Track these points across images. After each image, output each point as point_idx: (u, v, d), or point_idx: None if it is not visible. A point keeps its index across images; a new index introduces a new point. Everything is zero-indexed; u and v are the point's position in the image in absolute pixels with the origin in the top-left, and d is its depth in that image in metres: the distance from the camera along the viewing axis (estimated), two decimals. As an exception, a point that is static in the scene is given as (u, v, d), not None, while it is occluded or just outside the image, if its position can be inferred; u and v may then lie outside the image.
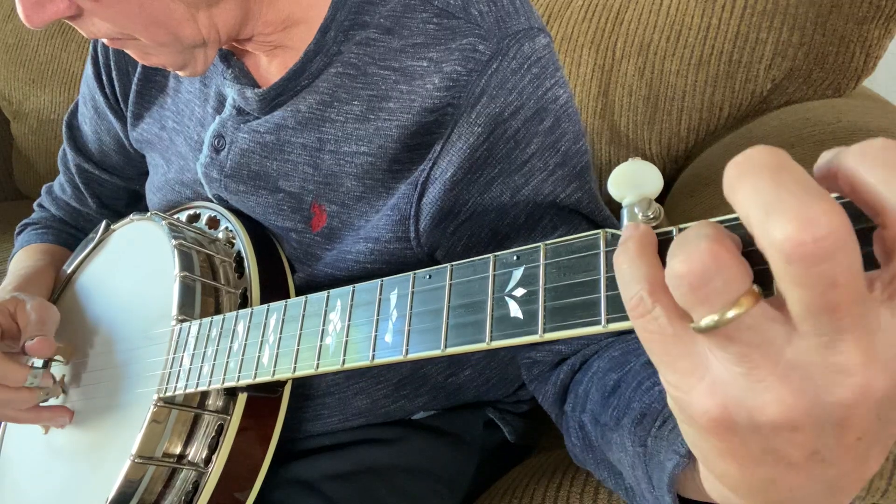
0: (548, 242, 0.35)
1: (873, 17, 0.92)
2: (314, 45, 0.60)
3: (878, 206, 0.22)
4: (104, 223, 0.78)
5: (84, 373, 0.71)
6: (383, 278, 0.44)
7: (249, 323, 0.54)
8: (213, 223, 0.70)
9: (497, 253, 0.37)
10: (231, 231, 0.68)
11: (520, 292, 0.35)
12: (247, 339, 0.54)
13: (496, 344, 0.35)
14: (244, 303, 0.63)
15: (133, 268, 0.72)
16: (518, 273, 0.35)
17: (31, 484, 0.71)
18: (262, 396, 0.60)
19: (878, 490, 0.56)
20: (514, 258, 0.36)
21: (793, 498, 0.26)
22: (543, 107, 0.57)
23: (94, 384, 0.69)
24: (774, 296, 0.23)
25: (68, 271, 0.79)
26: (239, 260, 0.66)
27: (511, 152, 0.57)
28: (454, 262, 0.39)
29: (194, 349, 0.58)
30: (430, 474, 0.75)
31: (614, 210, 0.50)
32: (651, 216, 0.30)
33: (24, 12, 0.51)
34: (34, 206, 0.97)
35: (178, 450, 0.59)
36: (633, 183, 0.31)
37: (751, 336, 0.23)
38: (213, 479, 0.58)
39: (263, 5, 0.59)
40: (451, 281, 0.39)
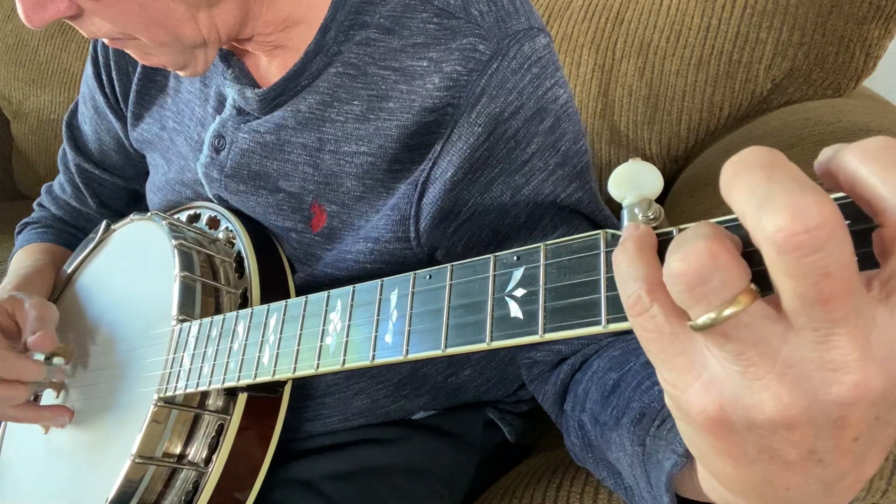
0: (548, 243, 0.35)
1: (873, 17, 0.92)
2: (314, 45, 0.60)
3: (877, 205, 0.22)
4: (104, 223, 0.78)
5: (84, 372, 0.71)
6: (383, 278, 0.44)
7: (250, 323, 0.54)
8: (214, 223, 0.70)
9: (497, 253, 0.37)
10: (231, 231, 0.68)
11: (520, 292, 0.35)
12: (247, 340, 0.54)
13: (496, 344, 0.35)
14: (244, 303, 0.63)
15: (133, 268, 0.72)
16: (518, 273, 0.35)
17: (32, 484, 0.71)
18: (263, 396, 0.60)
19: (878, 490, 0.56)
20: (515, 258, 0.36)
21: (790, 498, 0.26)
22: (543, 107, 0.57)
23: (94, 384, 0.69)
24: (772, 295, 0.23)
25: (68, 271, 0.79)
26: (239, 260, 0.66)
27: (511, 152, 0.57)
28: (454, 263, 0.39)
29: (194, 349, 0.58)
30: (430, 474, 0.75)
31: (615, 210, 0.50)
32: (651, 217, 0.30)
33: (25, 12, 0.51)
34: (34, 206, 0.97)
35: (178, 450, 0.59)
36: (634, 183, 0.31)
37: (747, 334, 0.23)
38: (214, 479, 0.58)
39: (263, 5, 0.59)
40: (451, 281, 0.39)
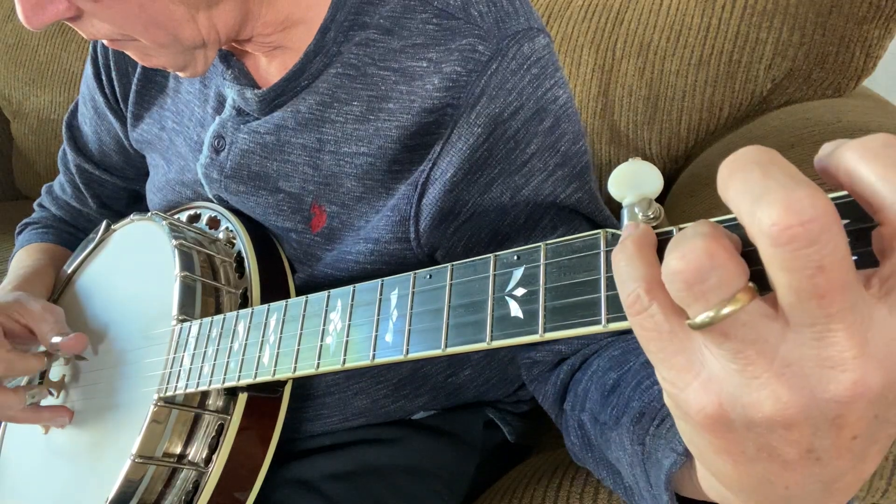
0: (548, 242, 0.35)
1: (873, 17, 0.92)
2: (314, 45, 0.60)
3: (876, 203, 0.22)
4: (105, 223, 0.78)
5: (84, 372, 0.71)
6: (384, 278, 0.44)
7: (250, 323, 0.54)
8: (214, 223, 0.70)
9: (497, 253, 0.37)
10: (231, 231, 0.68)
11: (520, 292, 0.35)
12: (247, 339, 0.54)
13: (496, 344, 0.35)
14: (244, 303, 0.63)
15: (133, 268, 0.72)
16: (518, 273, 0.35)
17: (32, 484, 0.71)
18: (263, 396, 0.60)
19: (878, 490, 0.56)
20: (515, 258, 0.36)
21: (789, 496, 0.26)
22: (543, 107, 0.57)
23: (94, 384, 0.69)
24: (769, 293, 0.23)
25: (69, 271, 0.79)
26: (239, 260, 0.66)
27: (511, 153, 0.57)
28: (455, 262, 0.39)
29: (195, 349, 0.58)
30: (430, 474, 0.75)
31: (615, 210, 0.50)
32: (651, 216, 0.30)
33: (24, 14, 0.51)
34: (34, 206, 0.97)
35: (178, 450, 0.59)
36: (634, 183, 0.31)
37: (746, 332, 0.23)
38: (214, 479, 0.58)
39: (263, 6, 0.59)
40: (451, 281, 0.39)
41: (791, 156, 0.80)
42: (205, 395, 0.60)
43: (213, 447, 0.59)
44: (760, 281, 0.24)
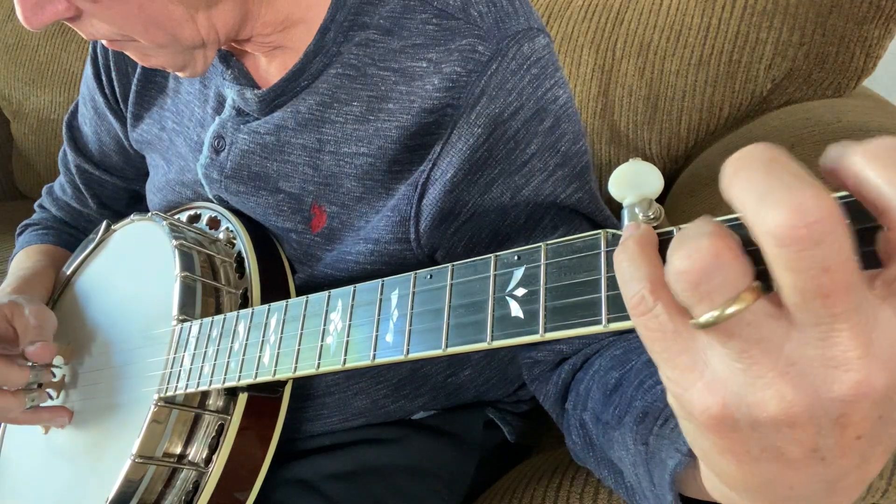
0: (549, 242, 0.35)
1: (873, 17, 0.92)
2: (314, 45, 0.60)
3: (882, 206, 0.22)
4: (105, 223, 0.78)
5: (84, 373, 0.71)
6: (384, 278, 0.44)
7: (250, 323, 0.54)
8: (214, 223, 0.70)
9: (498, 253, 0.37)
10: (232, 231, 0.68)
11: (521, 292, 0.35)
12: (247, 339, 0.54)
13: (497, 344, 0.35)
14: (245, 303, 0.63)
15: (134, 268, 0.72)
16: (519, 273, 0.35)
17: (32, 484, 0.71)
18: (263, 396, 0.60)
19: (878, 490, 0.56)
20: (515, 258, 0.36)
21: (792, 497, 0.26)
22: (543, 107, 0.57)
23: (94, 384, 0.69)
24: (773, 292, 0.23)
25: (69, 271, 0.79)
26: (239, 260, 0.66)
27: (511, 153, 0.57)
28: (455, 262, 0.39)
29: (195, 349, 0.58)
30: (430, 474, 0.75)
31: (615, 210, 0.50)
32: (651, 216, 0.30)
33: (23, 14, 0.51)
34: (35, 207, 0.97)
35: (178, 450, 0.59)
36: (634, 183, 0.31)
37: (750, 332, 0.23)
38: (214, 479, 0.58)
39: (262, 6, 0.59)
40: (451, 281, 0.39)
41: (791, 156, 0.80)
42: (205, 395, 0.59)
43: (214, 447, 0.59)
44: (764, 280, 0.24)
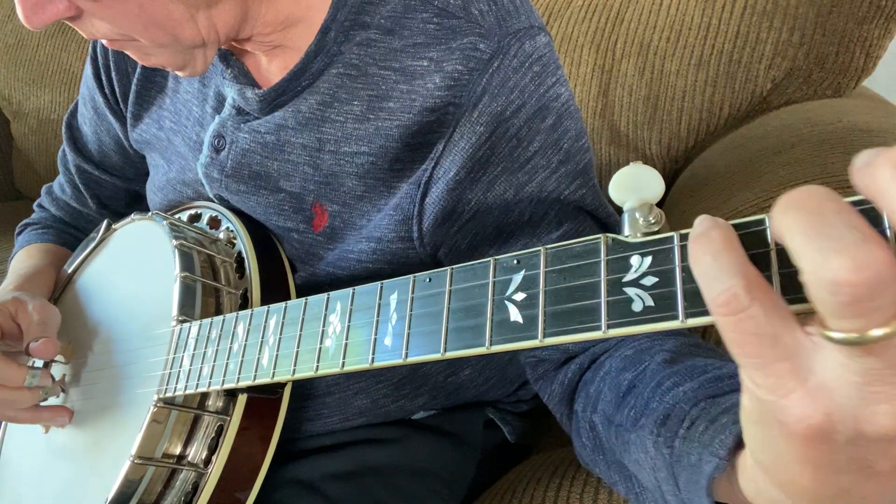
0: (548, 247, 0.35)
1: (873, 17, 0.92)
2: (315, 45, 0.60)
3: None
4: (105, 223, 0.78)
5: (84, 372, 0.71)
6: (383, 281, 0.44)
7: (249, 324, 0.54)
8: (215, 223, 0.70)
9: (497, 257, 0.37)
10: (232, 231, 0.68)
11: (520, 296, 0.35)
12: (246, 341, 0.53)
13: (496, 348, 0.35)
14: (245, 303, 0.63)
15: (134, 268, 0.72)
16: (518, 277, 0.35)
17: (31, 483, 0.71)
18: (262, 397, 0.60)
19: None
20: (515, 262, 0.36)
21: None
22: (545, 105, 0.57)
23: (94, 384, 0.69)
24: None
25: (69, 271, 0.79)
26: (240, 260, 0.66)
27: (513, 151, 0.57)
28: (454, 266, 0.39)
29: (194, 350, 0.58)
30: (430, 474, 0.75)
31: (617, 210, 0.50)
32: (652, 221, 0.30)
33: (24, 13, 0.51)
34: (34, 207, 0.97)
35: (177, 450, 0.59)
36: (634, 187, 0.31)
37: (894, 354, 0.22)
38: (213, 480, 0.58)
39: (263, 6, 0.59)
40: (450, 287, 0.39)
41: (791, 156, 0.80)
42: (204, 395, 0.59)
43: (213, 448, 0.59)
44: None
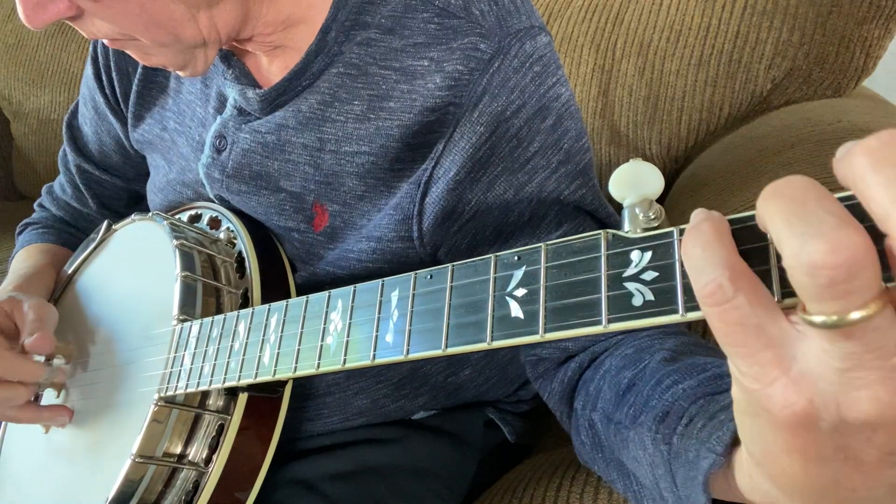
0: (549, 243, 0.35)
1: (873, 17, 0.92)
2: (315, 45, 0.60)
3: (879, 213, 0.21)
4: (106, 223, 0.78)
5: (85, 372, 0.71)
6: (384, 279, 0.44)
7: (250, 323, 0.54)
8: (215, 223, 0.70)
9: (498, 253, 0.37)
10: (232, 231, 0.68)
11: (521, 292, 0.35)
12: (248, 339, 0.54)
13: (497, 344, 0.35)
14: (245, 303, 0.63)
15: (134, 268, 0.72)
16: (519, 273, 0.35)
17: (32, 483, 0.71)
18: (263, 396, 0.60)
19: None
20: (515, 258, 0.36)
21: (850, 499, 0.26)
22: (545, 105, 0.58)
23: (94, 384, 0.69)
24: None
25: (69, 271, 0.79)
26: (240, 260, 0.66)
27: (514, 151, 0.57)
28: (455, 263, 0.39)
29: (195, 349, 0.58)
30: (430, 474, 0.75)
31: (617, 209, 0.50)
32: (652, 217, 0.30)
33: (25, 13, 0.51)
34: (35, 207, 0.97)
35: (178, 449, 0.59)
36: (634, 184, 0.31)
37: (874, 337, 0.22)
38: (214, 479, 0.58)
39: (264, 6, 0.59)
40: (451, 283, 0.39)
41: (791, 156, 0.80)
42: (205, 394, 0.59)
43: (214, 447, 0.59)
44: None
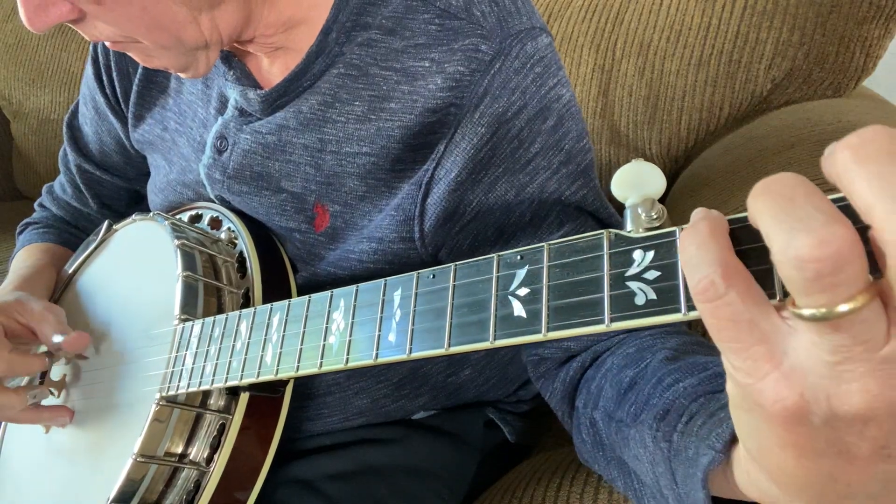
0: (551, 243, 0.35)
1: (873, 17, 0.92)
2: (316, 46, 0.60)
3: (862, 205, 0.22)
4: (106, 223, 0.78)
5: (85, 372, 0.71)
6: (387, 278, 0.44)
7: (252, 322, 0.54)
8: (216, 224, 0.70)
9: (501, 253, 0.37)
10: (233, 231, 0.68)
11: (523, 291, 0.35)
12: (250, 339, 0.54)
13: (500, 343, 0.36)
14: (246, 303, 0.63)
15: (135, 267, 0.72)
16: (522, 273, 0.35)
17: (32, 483, 0.71)
18: (264, 396, 0.60)
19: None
20: (518, 258, 0.36)
21: (846, 495, 0.26)
22: (546, 106, 0.58)
23: (95, 383, 0.69)
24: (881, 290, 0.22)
25: (70, 271, 0.80)
26: (241, 260, 0.66)
27: (515, 152, 0.57)
28: (458, 263, 0.39)
29: (197, 348, 0.58)
30: (430, 474, 0.75)
31: (619, 209, 0.50)
32: (655, 216, 0.30)
33: (27, 16, 0.51)
34: (35, 206, 0.97)
35: (179, 449, 0.59)
36: (636, 184, 0.31)
37: (861, 330, 0.22)
38: (215, 479, 0.58)
39: (265, 7, 0.59)
40: (454, 282, 0.39)
41: (791, 156, 0.80)
42: (206, 394, 0.60)
43: (215, 447, 0.59)
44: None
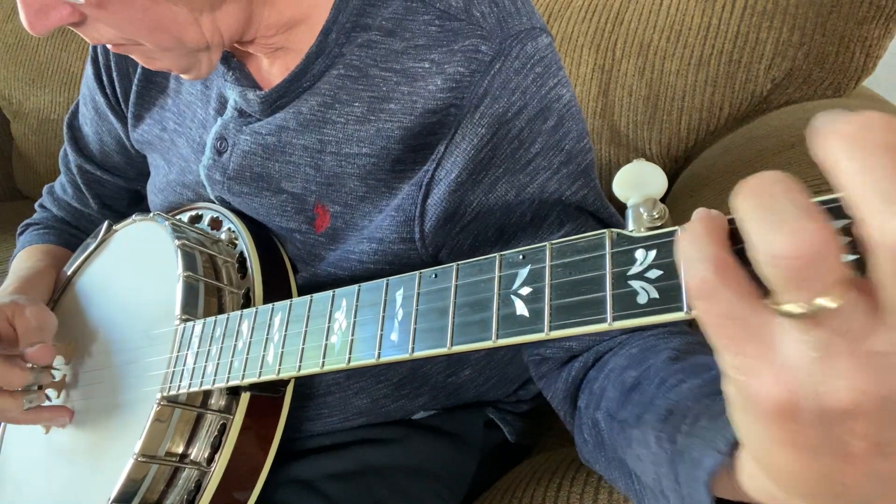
0: (553, 242, 0.35)
1: (873, 17, 0.92)
2: (316, 47, 0.60)
3: (851, 198, 0.21)
4: (106, 223, 0.78)
5: (85, 372, 0.71)
6: (389, 278, 0.44)
7: (254, 322, 0.54)
8: (216, 224, 0.70)
9: (503, 252, 0.37)
10: (233, 232, 0.68)
11: (526, 290, 0.35)
12: (251, 338, 0.54)
13: (502, 342, 0.36)
14: (247, 303, 0.63)
15: (135, 268, 0.72)
16: (524, 272, 0.36)
17: (33, 483, 0.71)
18: (265, 396, 0.60)
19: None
20: (520, 258, 0.36)
21: (845, 495, 0.26)
22: (547, 106, 0.58)
23: (95, 384, 0.69)
24: (866, 284, 0.22)
25: (70, 271, 0.79)
26: (241, 260, 0.66)
27: (515, 152, 0.57)
28: (460, 262, 0.39)
29: (198, 348, 0.58)
30: (430, 474, 0.75)
31: (620, 209, 0.50)
32: (656, 216, 0.30)
33: (28, 19, 0.51)
34: (35, 207, 0.97)
35: (180, 449, 0.59)
36: (638, 183, 0.32)
37: (840, 323, 0.22)
38: (216, 479, 0.58)
39: (266, 8, 0.59)
40: (456, 282, 0.39)
41: (791, 156, 0.80)
42: (207, 394, 0.60)
43: (216, 447, 0.59)
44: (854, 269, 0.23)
